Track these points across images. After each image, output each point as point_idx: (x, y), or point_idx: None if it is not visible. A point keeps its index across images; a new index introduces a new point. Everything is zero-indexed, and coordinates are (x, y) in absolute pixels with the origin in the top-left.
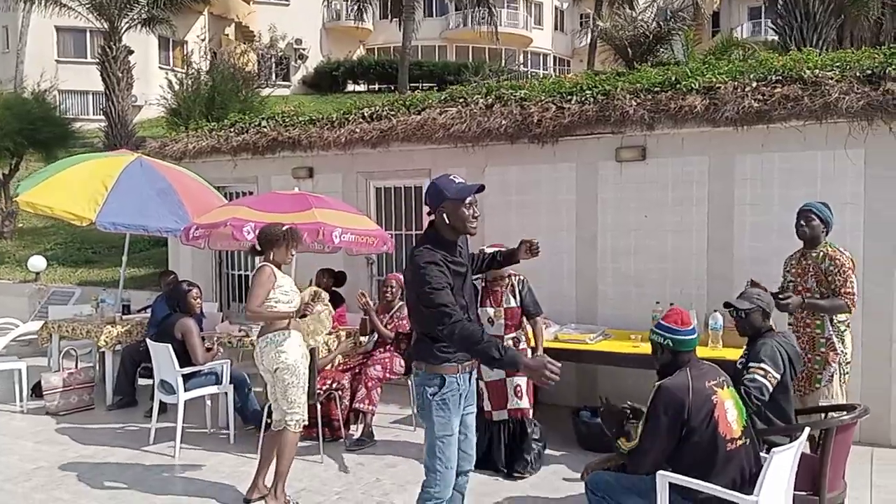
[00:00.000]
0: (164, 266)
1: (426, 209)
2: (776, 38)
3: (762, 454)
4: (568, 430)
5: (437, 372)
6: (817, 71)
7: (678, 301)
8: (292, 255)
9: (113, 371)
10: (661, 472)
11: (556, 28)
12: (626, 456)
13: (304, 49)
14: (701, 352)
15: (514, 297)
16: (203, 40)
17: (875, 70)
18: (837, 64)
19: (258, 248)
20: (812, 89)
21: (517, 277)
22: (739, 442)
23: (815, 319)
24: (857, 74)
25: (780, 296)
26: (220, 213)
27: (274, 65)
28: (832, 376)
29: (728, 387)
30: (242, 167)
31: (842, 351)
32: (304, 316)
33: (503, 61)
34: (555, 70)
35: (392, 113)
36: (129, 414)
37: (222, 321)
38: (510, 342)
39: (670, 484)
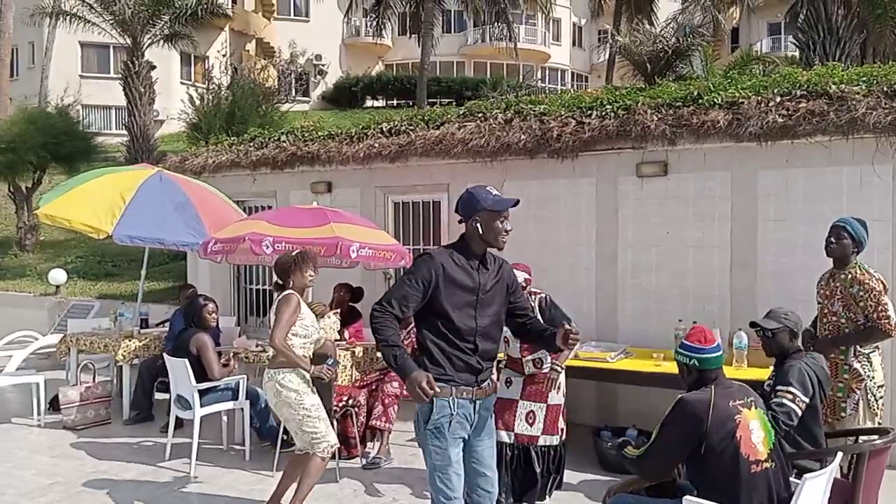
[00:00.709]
0: (184, 280)
1: (457, 218)
2: (796, 53)
3: (792, 479)
4: (587, 450)
5: None
6: (843, 86)
7: (700, 319)
8: (312, 277)
9: (130, 385)
10: (687, 496)
11: (574, 44)
12: (630, 460)
13: (323, 65)
14: (726, 371)
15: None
16: (224, 56)
17: None
18: (864, 79)
19: (279, 281)
20: (838, 104)
21: (538, 296)
22: (766, 465)
23: (839, 348)
24: (885, 89)
25: (807, 342)
26: (239, 228)
27: (294, 80)
28: (857, 404)
29: (756, 407)
30: (261, 181)
31: (869, 376)
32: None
33: (521, 77)
34: (573, 86)
35: (410, 128)
36: (146, 429)
37: (239, 336)
38: (530, 364)
39: None
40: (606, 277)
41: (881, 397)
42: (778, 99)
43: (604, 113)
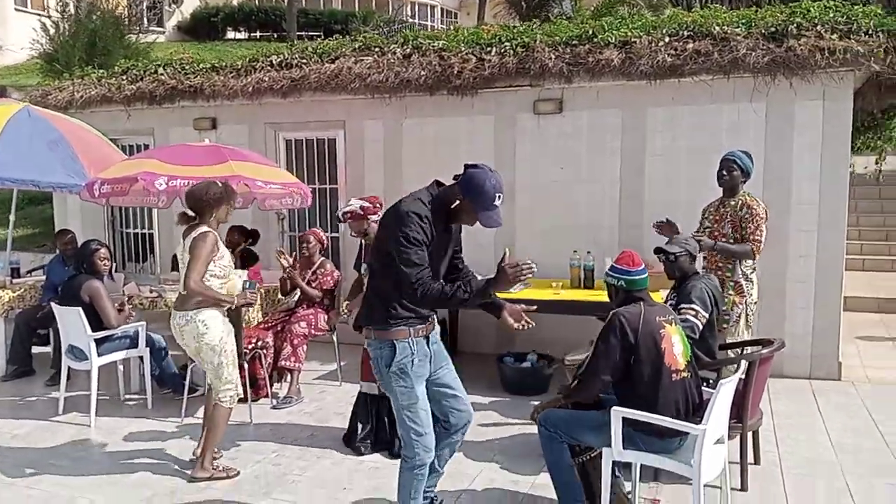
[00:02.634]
0: (46, 226)
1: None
2: None
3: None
4: (493, 376)
5: (387, 338)
6: (726, 27)
7: (593, 249)
8: (230, 214)
9: (6, 339)
10: (615, 407)
11: None
12: (574, 378)
13: None
14: None
15: None
16: None
17: (779, 27)
18: (744, 21)
19: (190, 212)
20: (721, 45)
21: None
22: (684, 374)
23: (727, 263)
24: (763, 31)
25: (695, 235)
26: (127, 167)
27: (146, 8)
28: (738, 317)
29: (675, 324)
30: (137, 118)
31: (749, 293)
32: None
33: (392, 11)
34: (442, 22)
35: (303, 61)
36: (28, 384)
37: (125, 282)
38: None
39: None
40: (505, 212)
41: (754, 313)
42: (667, 39)
43: (503, 50)
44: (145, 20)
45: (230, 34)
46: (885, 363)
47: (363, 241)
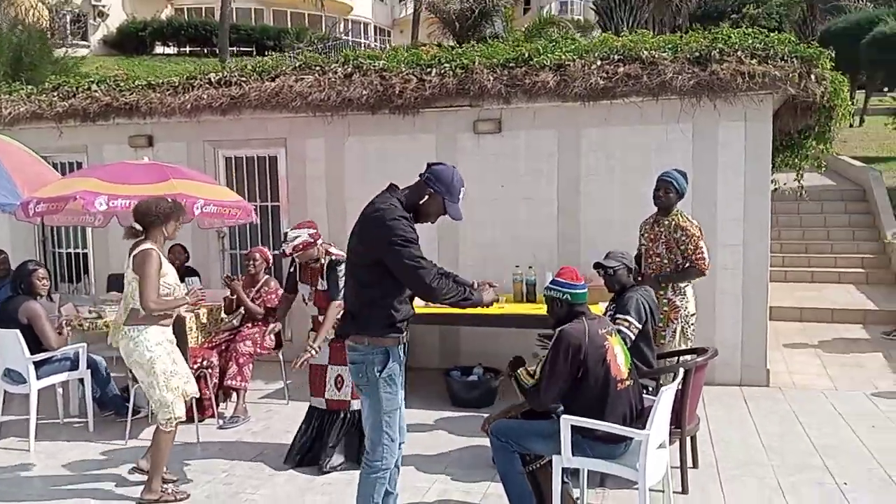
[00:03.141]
0: None
1: (419, 173)
2: (581, 17)
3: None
4: (440, 391)
5: (382, 344)
6: (654, 52)
7: (534, 264)
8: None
9: None
10: (564, 415)
11: None
12: (526, 391)
13: (103, 6)
14: None
15: (325, 279)
16: None
17: (702, 52)
18: (670, 46)
19: (137, 227)
20: (650, 68)
21: (330, 258)
22: (627, 382)
23: (661, 284)
24: (688, 56)
25: (636, 279)
26: (65, 186)
27: (69, 22)
28: (674, 332)
29: (616, 335)
30: (69, 135)
31: (684, 307)
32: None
33: (325, 29)
34: (376, 40)
35: (243, 79)
36: None
37: (61, 303)
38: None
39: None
40: (447, 230)
41: (693, 324)
42: (599, 63)
43: (443, 71)
44: (68, 34)
45: (159, 49)
46: (809, 370)
47: (298, 263)
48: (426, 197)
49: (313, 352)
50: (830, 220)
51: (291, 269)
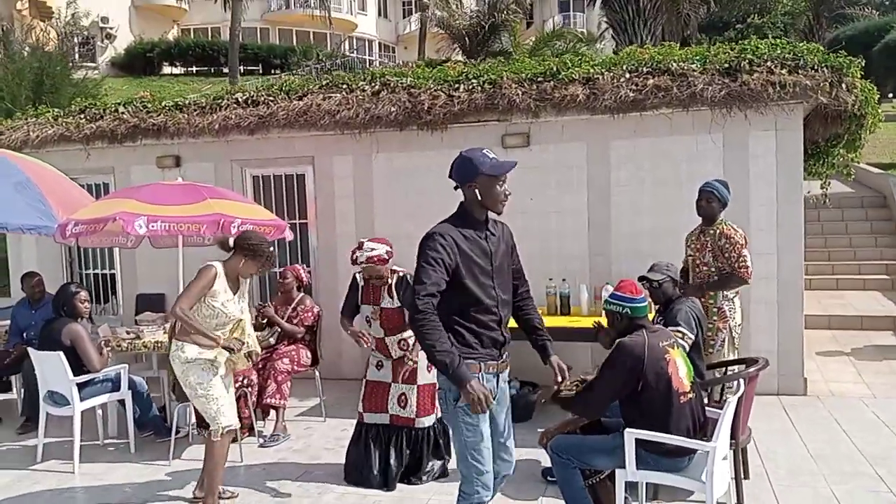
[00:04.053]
0: None
1: (453, 184)
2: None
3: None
4: None
5: None
6: (683, 63)
7: (567, 277)
8: (250, 275)
9: None
10: (628, 429)
11: (379, 14)
12: (571, 401)
13: (111, 28)
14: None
15: (392, 296)
16: None
17: (732, 63)
18: (699, 58)
19: (230, 245)
20: (680, 80)
21: (398, 275)
22: (690, 395)
23: (709, 293)
24: (717, 67)
25: (680, 289)
26: (104, 208)
27: (78, 45)
28: (723, 341)
29: (677, 347)
30: (96, 157)
31: (732, 317)
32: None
33: (332, 47)
34: (380, 56)
35: (270, 98)
36: None
37: (94, 324)
38: (395, 345)
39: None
40: None
41: (738, 335)
42: (627, 75)
43: (471, 87)
44: (76, 55)
45: (166, 69)
46: (844, 377)
47: (366, 279)
48: (464, 193)
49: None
50: (852, 227)
51: (350, 291)
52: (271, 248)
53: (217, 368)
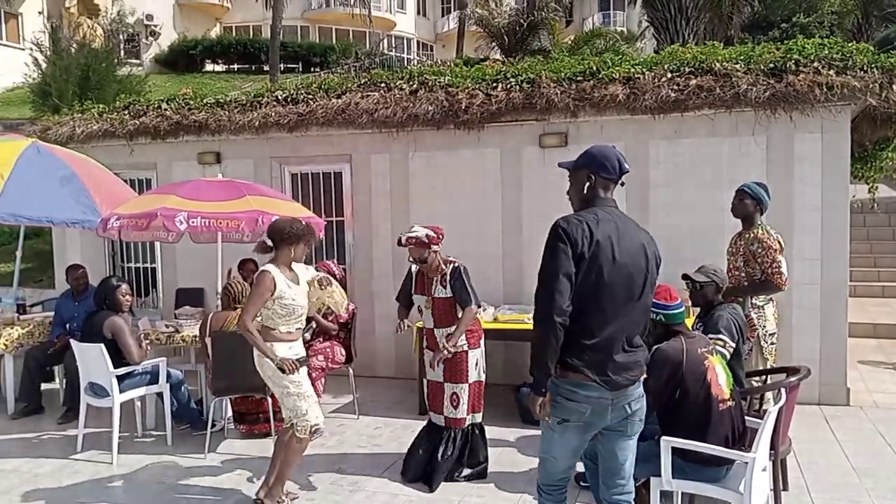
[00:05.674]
0: (41, 260)
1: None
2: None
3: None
4: (508, 406)
5: (562, 377)
6: (726, 64)
7: None
8: (303, 254)
9: (15, 377)
10: (664, 437)
11: (418, 13)
12: None
13: (155, 25)
14: None
15: (445, 285)
16: (40, 13)
17: (777, 64)
18: (743, 57)
19: (269, 242)
20: (723, 81)
21: (451, 266)
22: (729, 403)
23: (737, 298)
24: (762, 68)
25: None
26: (145, 203)
27: (123, 41)
28: (751, 350)
29: (716, 353)
30: (140, 152)
31: (761, 325)
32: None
33: (372, 45)
34: (418, 55)
35: (309, 97)
36: (38, 422)
37: (135, 318)
38: (443, 338)
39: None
40: (512, 244)
41: (773, 343)
42: (669, 75)
43: (509, 86)
44: (122, 52)
45: (208, 66)
46: (890, 388)
47: (419, 269)
48: (574, 180)
49: (446, 352)
50: None
51: (405, 279)
52: (302, 223)
53: (302, 363)
